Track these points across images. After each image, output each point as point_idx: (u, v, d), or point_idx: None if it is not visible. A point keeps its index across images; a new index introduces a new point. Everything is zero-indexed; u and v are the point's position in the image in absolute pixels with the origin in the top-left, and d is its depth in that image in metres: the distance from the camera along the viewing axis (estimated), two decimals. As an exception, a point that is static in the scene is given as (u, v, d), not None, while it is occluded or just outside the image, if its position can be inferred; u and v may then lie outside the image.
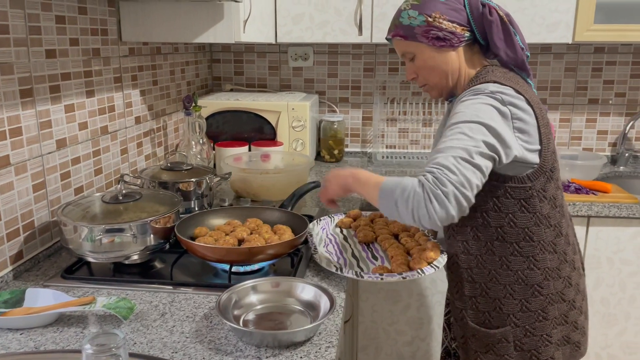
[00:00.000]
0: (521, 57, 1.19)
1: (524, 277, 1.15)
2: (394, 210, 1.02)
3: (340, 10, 2.04)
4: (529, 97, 1.12)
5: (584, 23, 1.95)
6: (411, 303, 1.96)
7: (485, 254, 1.16)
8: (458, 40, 1.18)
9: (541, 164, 1.12)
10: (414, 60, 1.23)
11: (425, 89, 1.28)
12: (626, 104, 2.35)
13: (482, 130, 1.03)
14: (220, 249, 1.13)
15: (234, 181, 1.78)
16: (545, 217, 1.14)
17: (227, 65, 2.50)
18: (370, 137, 2.51)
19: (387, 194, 1.03)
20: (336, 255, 1.31)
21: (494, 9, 1.17)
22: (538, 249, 1.14)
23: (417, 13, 1.17)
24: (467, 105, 1.08)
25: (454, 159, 0.99)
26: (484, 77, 1.15)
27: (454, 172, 0.98)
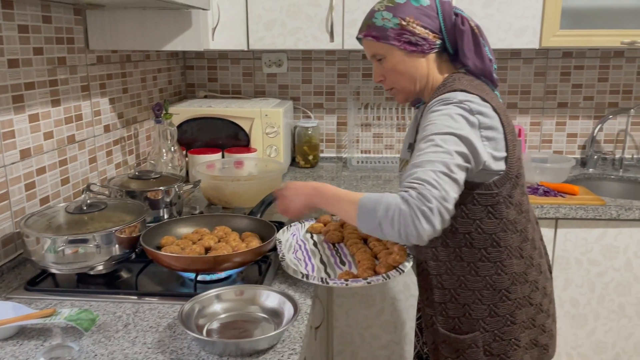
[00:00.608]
0: (489, 68, 1.19)
1: (492, 283, 1.16)
2: (376, 230, 1.02)
3: (312, 17, 2.06)
4: (495, 104, 1.12)
5: (550, 28, 1.99)
6: (385, 307, 1.97)
7: (454, 260, 1.17)
8: (429, 46, 1.18)
9: (507, 170, 1.13)
10: (382, 62, 1.23)
11: (392, 93, 1.28)
12: (594, 107, 2.39)
13: (455, 141, 1.04)
14: (185, 257, 1.13)
15: (205, 188, 1.78)
16: (512, 223, 1.16)
17: (200, 72, 2.50)
18: (345, 142, 2.53)
19: (369, 213, 1.02)
20: (304, 262, 1.32)
21: (466, 19, 1.18)
22: (505, 254, 1.15)
23: (392, 15, 1.17)
24: (438, 115, 1.08)
25: (434, 173, 0.99)
26: (451, 85, 1.15)
27: (436, 187, 0.98)
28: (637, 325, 1.92)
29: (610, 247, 1.86)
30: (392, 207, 0.98)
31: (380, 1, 1.21)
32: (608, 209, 1.80)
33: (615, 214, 1.80)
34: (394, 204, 0.99)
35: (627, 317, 1.92)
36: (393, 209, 0.98)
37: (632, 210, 1.80)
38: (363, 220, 1.03)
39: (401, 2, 1.17)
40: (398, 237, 0.99)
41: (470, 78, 1.19)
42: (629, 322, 1.92)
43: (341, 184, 2.11)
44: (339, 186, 2.06)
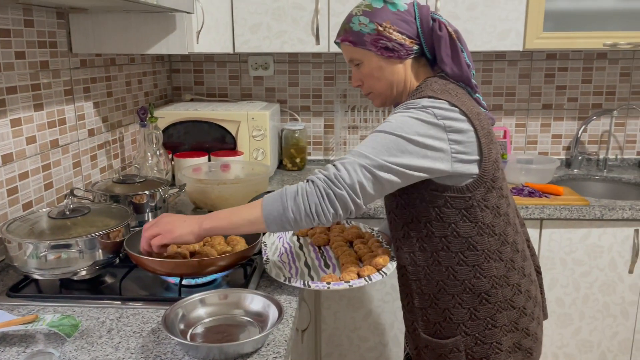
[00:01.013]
0: (467, 73, 1.19)
1: (471, 286, 1.15)
2: (287, 221, 1.05)
3: (297, 20, 2.06)
4: (466, 108, 1.11)
5: (534, 31, 2.01)
6: (373, 309, 1.97)
7: (432, 265, 1.17)
8: (406, 52, 1.18)
9: (480, 174, 1.12)
10: (360, 67, 1.22)
11: (370, 97, 1.28)
12: (578, 109, 2.42)
13: (399, 144, 1.06)
14: (169, 262, 1.12)
15: (191, 192, 1.77)
16: (489, 226, 1.15)
17: (186, 75, 2.49)
18: (332, 145, 2.53)
19: (276, 210, 1.05)
20: (289, 265, 1.32)
21: (444, 24, 1.17)
22: (483, 258, 1.15)
23: (368, 20, 1.17)
24: (396, 117, 1.10)
25: (360, 166, 1.04)
26: (421, 91, 1.16)
27: (352, 176, 1.03)
28: (622, 324, 1.95)
29: (595, 247, 1.88)
30: (299, 191, 1.05)
31: (357, 5, 1.21)
32: (592, 209, 1.82)
33: (599, 214, 1.82)
34: (300, 189, 1.05)
35: (612, 316, 1.94)
36: (300, 193, 1.04)
37: (615, 210, 1.82)
38: (273, 220, 1.06)
39: (378, 7, 1.17)
40: (311, 221, 1.04)
41: (444, 82, 1.18)
42: (613, 322, 1.94)
43: (328, 187, 2.12)
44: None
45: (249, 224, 1.08)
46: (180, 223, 1.11)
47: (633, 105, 2.37)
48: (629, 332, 1.95)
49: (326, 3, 2.04)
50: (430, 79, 1.20)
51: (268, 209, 1.06)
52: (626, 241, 1.87)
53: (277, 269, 1.27)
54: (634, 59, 2.35)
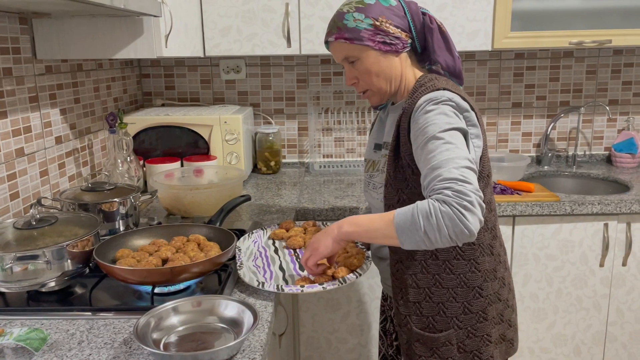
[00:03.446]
0: (459, 65, 1.22)
1: (465, 280, 1.17)
2: (423, 241, 0.98)
3: (268, 23, 2.05)
4: (472, 103, 1.15)
5: (502, 31, 2.04)
6: (350, 310, 1.97)
7: (430, 259, 1.18)
8: (402, 46, 1.19)
9: (481, 169, 1.16)
10: (355, 64, 1.21)
11: (366, 95, 1.26)
12: (547, 107, 2.46)
13: (460, 135, 1.05)
14: (141, 270, 1.10)
15: (164, 198, 1.74)
16: (484, 221, 1.18)
17: (157, 80, 2.45)
18: (306, 147, 2.52)
19: (409, 227, 0.99)
20: (263, 269, 1.30)
21: (433, 18, 1.20)
22: (478, 252, 1.17)
23: (364, 16, 1.17)
24: (434, 115, 1.08)
25: (457, 169, 0.98)
26: (431, 84, 1.15)
27: (467, 181, 0.97)
28: (595, 316, 1.98)
29: (566, 242, 1.92)
30: (432, 212, 0.96)
31: (346, 3, 1.20)
32: (562, 205, 1.86)
33: (570, 210, 1.86)
34: (433, 208, 0.96)
35: (585, 309, 1.98)
36: (434, 214, 0.96)
37: (585, 205, 1.85)
38: (406, 236, 0.99)
39: (371, 2, 1.17)
40: (448, 241, 0.97)
41: (445, 78, 1.21)
42: (586, 314, 1.98)
43: (303, 189, 2.11)
44: (301, 192, 2.06)
45: (385, 237, 1.03)
46: (321, 236, 1.13)
47: (599, 102, 2.42)
48: (601, 325, 1.99)
49: (296, 5, 2.03)
50: (429, 74, 1.21)
51: (400, 226, 1.00)
52: (596, 235, 1.91)
53: (252, 274, 1.26)
54: (600, 56, 2.41)
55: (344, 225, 1.09)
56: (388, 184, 1.21)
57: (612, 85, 2.44)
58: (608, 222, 1.89)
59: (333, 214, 1.85)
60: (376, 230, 1.04)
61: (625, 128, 2.44)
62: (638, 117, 2.48)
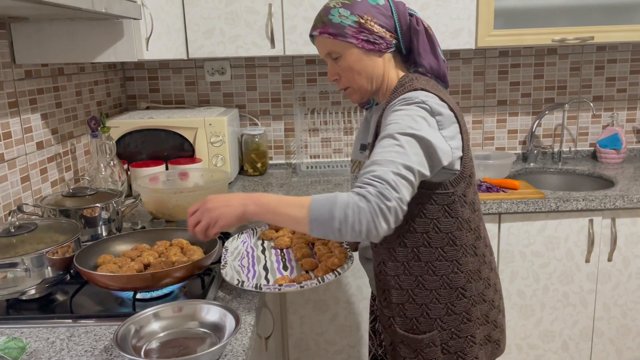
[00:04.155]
0: (443, 68, 1.21)
1: (448, 281, 1.17)
2: (333, 232, 0.98)
3: (251, 24, 2.04)
4: (452, 104, 1.14)
5: (485, 29, 2.04)
6: (339, 311, 1.97)
7: (412, 260, 1.17)
8: (386, 46, 1.18)
9: (462, 170, 1.15)
10: (338, 60, 1.20)
11: (347, 92, 1.26)
12: (532, 104, 2.48)
13: (416, 144, 1.03)
14: (121, 276, 1.09)
15: (148, 202, 1.73)
16: (466, 222, 1.17)
17: (141, 83, 2.44)
18: (293, 148, 2.52)
19: (324, 216, 0.98)
20: (247, 268, 1.30)
21: (420, 20, 1.19)
22: (461, 253, 1.17)
23: (349, 12, 1.16)
24: (401, 115, 1.07)
25: (394, 174, 0.98)
26: (410, 84, 1.15)
27: (395, 188, 0.97)
28: (582, 312, 1.99)
29: (552, 239, 1.92)
30: (351, 206, 0.96)
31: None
32: (547, 202, 1.86)
33: (555, 206, 1.87)
34: (352, 202, 0.96)
35: (572, 305, 1.99)
36: (352, 208, 0.96)
37: (570, 202, 1.86)
38: (317, 224, 0.98)
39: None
40: (358, 236, 0.97)
41: (426, 78, 1.19)
42: (573, 310, 1.99)
43: (291, 191, 2.10)
44: (288, 193, 2.05)
45: (293, 221, 1.01)
46: (224, 208, 1.05)
47: (583, 98, 2.44)
48: (588, 320, 2.00)
49: (279, 6, 2.03)
50: (410, 74, 1.20)
51: (315, 213, 0.98)
52: (581, 231, 1.92)
53: (235, 273, 1.26)
54: (583, 53, 2.42)
55: (251, 204, 1.04)
56: None
57: (596, 82, 2.46)
58: (593, 218, 1.90)
59: (319, 215, 1.85)
60: (285, 215, 1.01)
61: (610, 124, 2.46)
62: (622, 112, 2.49)
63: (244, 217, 1.05)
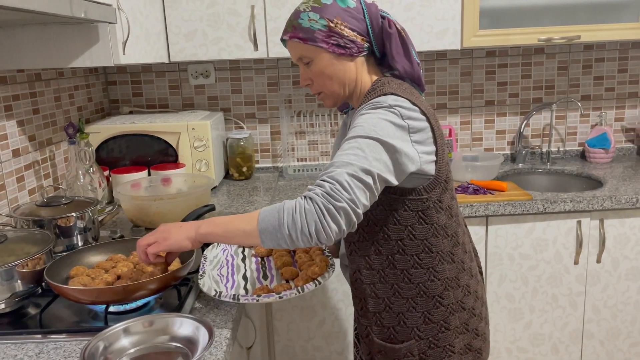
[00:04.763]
0: (417, 71, 1.19)
1: (425, 289, 1.14)
2: (284, 238, 0.97)
3: (234, 26, 2.01)
4: (424, 108, 1.12)
5: (470, 29, 2.02)
6: (326, 317, 1.94)
7: (387, 268, 1.15)
8: (357, 50, 1.16)
9: (436, 175, 1.12)
10: (310, 65, 1.18)
11: (320, 97, 1.24)
12: (520, 104, 2.45)
13: (378, 148, 1.02)
14: (92, 290, 1.05)
15: (128, 210, 1.69)
16: (443, 228, 1.15)
17: (124, 87, 2.40)
18: (280, 151, 2.49)
19: (271, 223, 0.97)
20: (226, 278, 1.27)
21: (392, 22, 1.16)
22: (437, 260, 1.14)
23: (318, 16, 1.13)
24: (366, 119, 1.06)
25: (349, 176, 0.97)
26: (381, 89, 1.13)
27: (347, 189, 0.96)
28: (571, 314, 1.97)
29: (540, 241, 1.90)
30: (297, 208, 0.96)
31: (305, 1, 1.17)
32: (535, 204, 1.84)
33: (542, 208, 1.84)
34: (299, 206, 0.96)
35: (561, 307, 1.97)
36: (298, 210, 0.96)
37: (557, 203, 1.84)
38: (267, 234, 0.98)
39: (328, 2, 1.14)
40: (309, 240, 0.96)
41: (399, 82, 1.17)
42: (563, 313, 1.97)
43: (276, 195, 2.07)
44: (273, 197, 2.02)
45: (244, 235, 1.01)
46: (176, 230, 1.06)
47: (571, 98, 2.42)
48: (578, 323, 1.98)
49: (262, 8, 1.99)
50: (384, 78, 1.18)
51: (264, 223, 0.98)
52: (570, 233, 1.89)
53: (214, 283, 1.22)
54: (570, 52, 2.40)
55: (203, 225, 1.05)
56: None
57: (584, 81, 2.44)
58: (581, 219, 1.88)
59: (304, 220, 1.81)
60: (236, 230, 1.01)
61: (598, 123, 2.44)
62: (610, 112, 2.48)
63: (196, 237, 1.05)
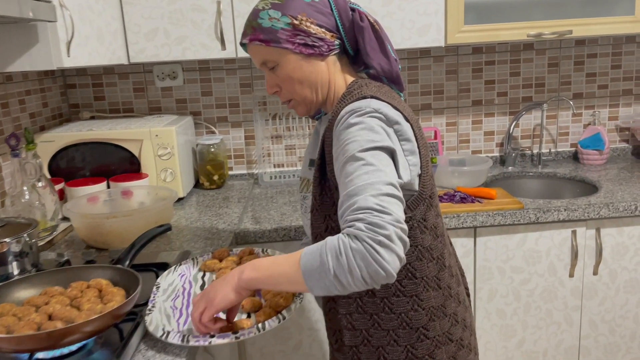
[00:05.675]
0: (396, 69, 1.06)
1: (408, 320, 1.01)
2: (334, 285, 0.81)
3: (199, 24, 1.84)
4: (407, 114, 0.99)
5: (455, 25, 1.87)
6: (302, 339, 1.79)
7: (366, 296, 1.02)
8: (328, 48, 1.02)
9: (421, 190, 1.00)
10: (275, 70, 1.04)
11: (291, 105, 1.10)
12: (509, 103, 2.32)
13: (384, 155, 0.89)
14: (10, 338, 0.89)
15: (79, 229, 1.53)
16: (428, 250, 1.02)
17: (85, 91, 2.22)
18: (255, 157, 2.33)
19: (317, 269, 0.82)
20: (179, 311, 1.11)
21: (364, 14, 1.03)
22: (422, 287, 1.01)
23: (280, 14, 1.00)
24: (356, 130, 0.92)
25: (375, 197, 0.83)
26: (358, 91, 0.99)
27: (384, 211, 0.81)
28: (567, 330, 1.84)
29: (532, 252, 1.76)
30: (342, 249, 0.80)
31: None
32: (526, 213, 1.70)
33: (534, 218, 1.70)
34: (343, 245, 0.80)
35: (556, 323, 1.83)
36: (345, 252, 0.80)
37: (550, 212, 1.70)
38: (313, 280, 0.83)
39: None
40: (363, 284, 0.81)
41: (377, 84, 1.04)
42: (557, 329, 1.84)
43: (249, 206, 1.91)
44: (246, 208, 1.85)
45: (289, 282, 0.86)
46: (219, 286, 0.93)
47: (563, 96, 2.28)
48: (574, 339, 1.85)
49: (229, 4, 1.83)
50: (360, 80, 1.04)
51: (307, 268, 0.83)
52: (564, 244, 1.76)
53: (165, 318, 1.07)
54: (561, 48, 2.27)
55: (246, 269, 0.91)
56: (315, 210, 1.04)
57: (576, 78, 2.30)
58: (576, 229, 1.75)
59: (277, 236, 1.66)
60: (280, 276, 0.87)
61: (591, 123, 2.31)
62: (604, 110, 2.35)
63: (240, 285, 0.91)
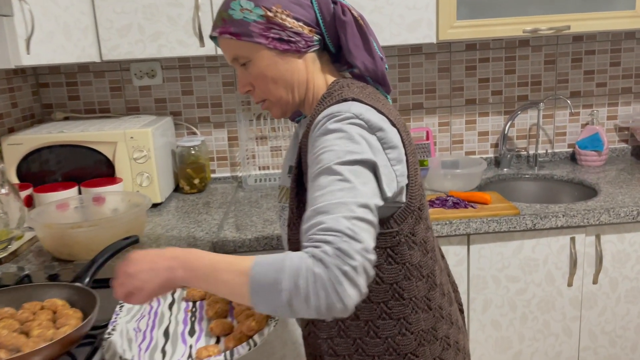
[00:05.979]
0: (381, 68, 0.97)
1: (395, 345, 0.92)
2: (284, 307, 0.71)
3: (175, 19, 1.74)
4: (394, 118, 0.90)
5: (447, 20, 1.77)
6: (286, 354, 1.69)
7: (349, 319, 0.93)
8: (305, 44, 0.93)
9: (408, 202, 0.90)
10: (248, 66, 0.95)
11: (265, 106, 1.00)
12: (504, 102, 2.22)
13: (362, 171, 0.79)
14: (-59, 373, 0.79)
15: (43, 239, 1.43)
16: (417, 267, 0.92)
17: (58, 90, 2.11)
18: (239, 159, 2.22)
19: (269, 288, 0.71)
20: (142, 335, 1.01)
21: (347, 8, 0.94)
22: (410, 308, 0.92)
23: (253, 5, 0.91)
24: (333, 138, 0.82)
25: (347, 220, 0.73)
26: (339, 93, 0.90)
27: (354, 237, 0.72)
28: (565, 342, 1.75)
29: (529, 261, 1.67)
30: (303, 271, 0.70)
31: None
32: (523, 219, 1.61)
33: (531, 224, 1.61)
34: (305, 267, 0.70)
35: (554, 335, 1.74)
36: (305, 276, 0.70)
37: (548, 218, 1.61)
38: (260, 297, 0.72)
39: None
40: (315, 314, 0.71)
41: (361, 84, 0.95)
42: (556, 341, 1.74)
43: (231, 211, 1.81)
44: (227, 215, 1.75)
45: (231, 293, 0.76)
46: (147, 275, 0.81)
47: (560, 95, 2.19)
48: (573, 351, 1.76)
49: (207, -3, 1.73)
50: (342, 80, 0.95)
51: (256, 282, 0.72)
52: (562, 251, 1.67)
53: (126, 342, 0.97)
54: (558, 44, 2.17)
55: (179, 268, 0.79)
56: (292, 224, 0.94)
57: (573, 76, 2.21)
58: (575, 236, 1.65)
59: (258, 245, 1.56)
60: (221, 283, 0.75)
61: (590, 122, 2.22)
62: (602, 109, 2.26)
63: (171, 284, 0.81)
